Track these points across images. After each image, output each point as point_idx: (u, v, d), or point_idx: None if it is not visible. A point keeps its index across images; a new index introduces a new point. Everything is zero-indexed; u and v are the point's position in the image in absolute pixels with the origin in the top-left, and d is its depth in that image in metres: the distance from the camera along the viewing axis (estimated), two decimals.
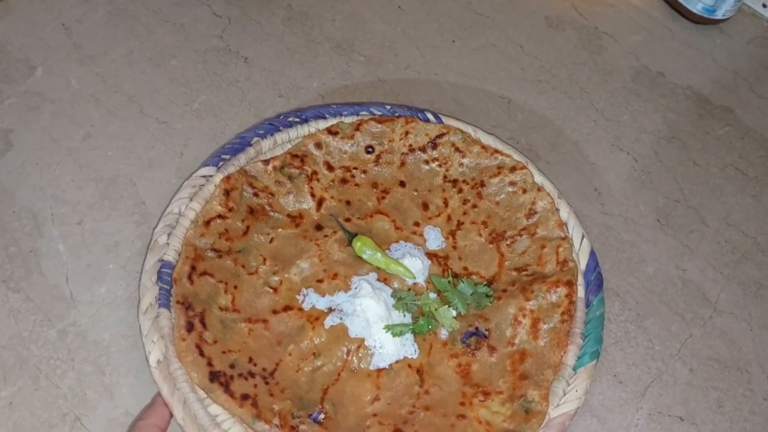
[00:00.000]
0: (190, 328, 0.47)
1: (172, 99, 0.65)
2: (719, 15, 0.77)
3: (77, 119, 0.62)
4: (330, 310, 0.52)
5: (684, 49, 0.78)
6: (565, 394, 0.48)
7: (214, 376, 0.46)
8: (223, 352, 0.48)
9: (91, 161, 0.60)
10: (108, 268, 0.54)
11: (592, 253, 0.55)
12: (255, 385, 0.47)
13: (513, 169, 0.58)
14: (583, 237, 0.56)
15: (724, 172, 0.67)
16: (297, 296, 0.52)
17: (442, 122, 0.61)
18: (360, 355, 0.50)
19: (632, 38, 0.78)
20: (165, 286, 0.49)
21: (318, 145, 0.58)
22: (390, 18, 0.75)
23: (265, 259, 0.53)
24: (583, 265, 0.54)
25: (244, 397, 0.46)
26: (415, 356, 0.50)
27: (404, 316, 0.52)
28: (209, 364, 0.46)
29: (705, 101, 0.73)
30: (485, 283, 0.54)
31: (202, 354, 0.46)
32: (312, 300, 0.52)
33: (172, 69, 0.67)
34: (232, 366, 0.47)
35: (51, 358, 0.49)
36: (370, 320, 0.50)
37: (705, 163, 0.68)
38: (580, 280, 0.54)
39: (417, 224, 0.58)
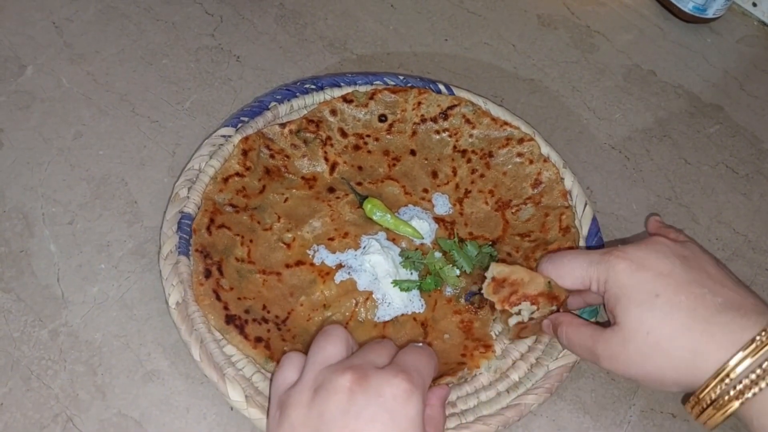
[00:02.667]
0: (207, 274, 0.50)
1: (164, 98, 0.65)
2: (710, 14, 0.78)
3: (68, 118, 0.62)
4: (339, 266, 0.54)
5: (675, 47, 0.78)
6: (563, 348, 0.50)
7: (230, 319, 0.48)
8: (239, 299, 0.50)
9: (82, 160, 0.60)
10: (100, 268, 0.54)
11: (594, 220, 0.57)
12: (268, 330, 0.49)
13: (521, 141, 0.60)
14: (585, 204, 0.58)
15: (715, 170, 0.68)
16: (308, 251, 0.54)
17: (453, 94, 0.63)
18: (368, 306, 0.52)
19: (624, 37, 0.78)
20: (185, 235, 0.52)
21: (333, 112, 0.61)
22: (382, 17, 0.75)
23: (279, 217, 0.56)
24: (585, 231, 0.57)
25: (258, 339, 0.48)
26: (421, 311, 0.53)
27: (411, 274, 0.54)
28: (225, 308, 0.49)
29: (696, 100, 0.73)
30: (489, 244, 0.56)
31: (219, 299, 0.49)
32: (322, 256, 0.54)
33: (163, 68, 0.67)
34: (247, 311, 0.49)
35: (42, 359, 0.49)
36: (379, 275, 0.53)
37: (696, 161, 0.68)
38: (582, 245, 0.56)
39: (426, 191, 0.60)
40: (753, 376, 0.36)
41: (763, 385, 0.35)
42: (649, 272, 0.40)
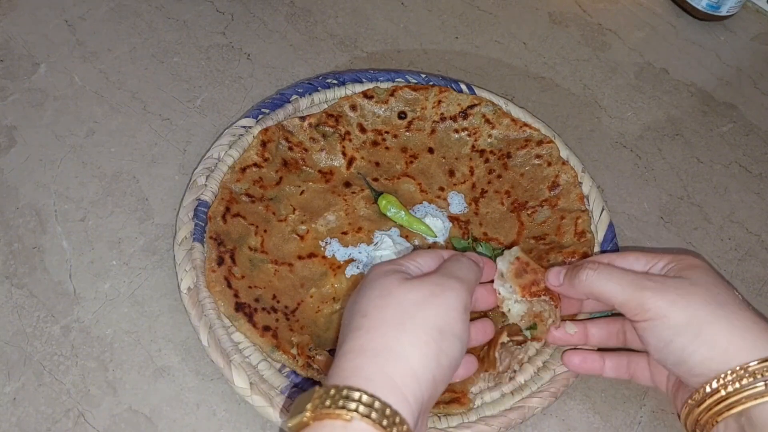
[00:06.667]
0: (220, 261, 0.50)
1: (175, 95, 0.65)
2: (723, 11, 0.77)
3: (80, 116, 0.62)
4: (351, 260, 0.54)
5: (688, 45, 0.77)
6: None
7: (239, 307, 0.49)
8: (249, 287, 0.50)
9: (94, 158, 0.60)
10: (111, 265, 0.54)
11: (611, 225, 0.57)
12: (276, 320, 0.50)
13: (540, 143, 0.60)
14: (602, 210, 0.57)
15: (728, 169, 0.67)
16: (320, 242, 0.55)
17: (474, 93, 0.63)
18: None
19: (636, 35, 0.78)
20: (200, 222, 0.53)
21: (353, 107, 0.61)
22: (392, 15, 0.75)
23: (294, 209, 0.56)
24: (600, 236, 0.56)
25: (266, 328, 0.48)
26: None
27: None
28: (236, 295, 0.49)
29: (709, 98, 0.73)
30: (503, 249, 0.56)
31: (230, 286, 0.50)
32: (334, 249, 0.55)
33: (174, 66, 0.67)
34: (256, 300, 0.50)
35: (54, 354, 0.50)
36: None
37: (709, 160, 0.68)
38: (597, 250, 0.55)
39: (442, 189, 0.60)
40: None
41: None
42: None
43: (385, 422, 0.32)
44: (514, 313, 0.47)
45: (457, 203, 0.59)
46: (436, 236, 0.56)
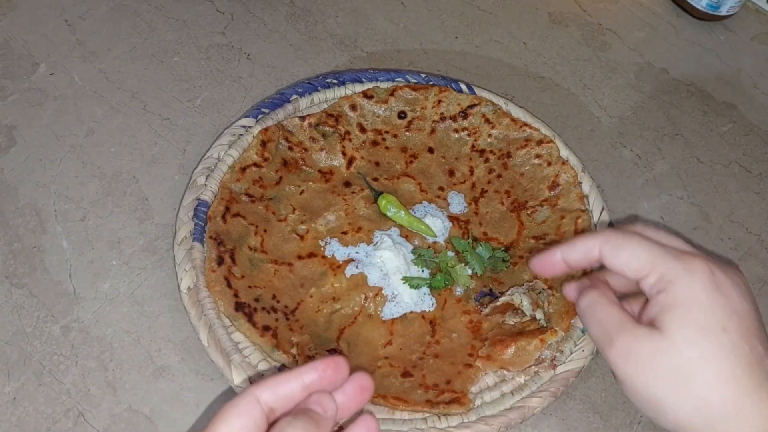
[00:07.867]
0: (220, 261, 0.50)
1: (175, 95, 0.65)
2: (723, 11, 0.77)
3: (80, 116, 0.62)
4: (351, 260, 0.54)
5: (688, 45, 0.77)
6: (572, 353, 0.50)
7: (239, 307, 0.49)
8: (249, 287, 0.51)
9: (94, 158, 0.60)
10: (111, 265, 0.54)
11: (611, 224, 0.57)
12: (276, 320, 0.50)
13: (540, 143, 0.60)
14: (602, 209, 0.57)
15: (728, 169, 0.67)
16: (320, 242, 0.55)
17: (474, 93, 0.63)
18: (377, 302, 0.53)
19: (636, 35, 0.78)
20: (200, 222, 0.53)
21: (353, 107, 0.61)
22: (392, 14, 0.75)
23: (294, 209, 0.56)
24: None
25: (266, 328, 0.49)
26: (431, 309, 0.53)
27: (422, 271, 0.54)
28: (236, 295, 0.49)
29: (708, 98, 0.73)
30: (503, 249, 0.56)
31: (229, 286, 0.50)
32: (333, 248, 0.55)
33: (174, 65, 0.67)
34: (256, 300, 0.50)
35: (54, 354, 0.50)
36: (389, 271, 0.53)
37: (708, 160, 0.68)
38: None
39: (442, 189, 0.60)
40: None
41: None
42: (726, 300, 0.34)
43: None
44: (527, 305, 0.50)
45: (457, 203, 0.59)
46: (435, 236, 0.56)
